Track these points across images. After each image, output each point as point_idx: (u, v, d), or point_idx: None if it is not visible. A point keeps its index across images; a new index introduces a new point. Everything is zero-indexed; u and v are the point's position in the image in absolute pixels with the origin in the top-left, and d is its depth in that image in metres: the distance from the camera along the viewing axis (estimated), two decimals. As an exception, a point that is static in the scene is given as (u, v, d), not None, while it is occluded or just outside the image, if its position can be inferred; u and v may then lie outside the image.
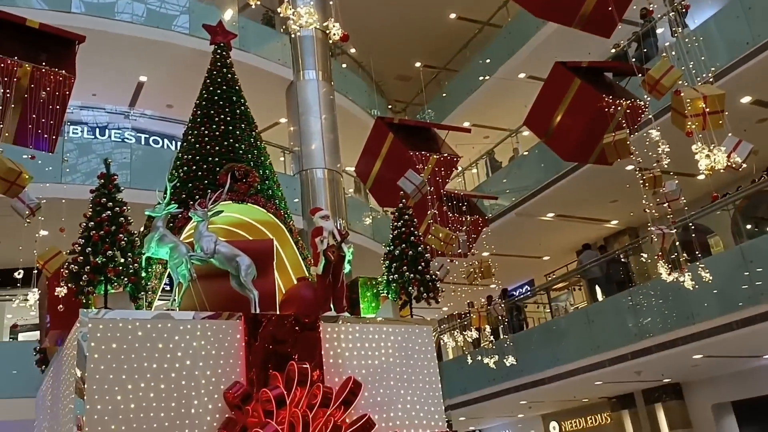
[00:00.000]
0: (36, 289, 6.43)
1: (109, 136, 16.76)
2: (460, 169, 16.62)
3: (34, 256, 6.40)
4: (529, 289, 18.67)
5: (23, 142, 6.43)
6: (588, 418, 15.90)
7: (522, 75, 16.20)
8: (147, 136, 17.37)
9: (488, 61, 17.74)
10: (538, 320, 16.37)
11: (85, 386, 5.31)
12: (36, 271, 6.27)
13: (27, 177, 5.88)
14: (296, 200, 13.89)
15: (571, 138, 8.68)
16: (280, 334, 6.28)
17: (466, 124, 16.75)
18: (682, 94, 6.04)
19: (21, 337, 15.89)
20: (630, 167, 11.28)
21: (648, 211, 7.90)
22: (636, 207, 14.69)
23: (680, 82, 6.39)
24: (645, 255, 12.07)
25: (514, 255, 16.00)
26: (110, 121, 17.50)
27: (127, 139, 16.63)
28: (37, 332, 15.51)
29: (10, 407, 10.36)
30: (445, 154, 9.26)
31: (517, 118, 17.11)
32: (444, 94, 20.31)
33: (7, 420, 10.63)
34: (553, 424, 16.82)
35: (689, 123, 5.94)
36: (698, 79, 6.94)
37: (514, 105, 16.85)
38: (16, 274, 6.10)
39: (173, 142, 17.49)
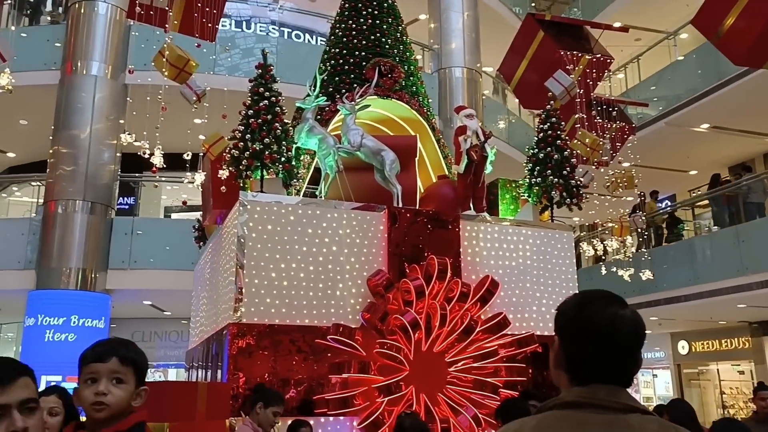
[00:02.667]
0: (202, 171, 6.92)
1: (254, 30, 17.18)
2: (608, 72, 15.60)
3: (189, 141, 6.85)
4: (669, 204, 17.69)
5: (188, 30, 6.74)
6: (723, 341, 15.25)
7: (687, -31, 14.62)
8: (289, 30, 17.62)
9: (649, -47, 16.11)
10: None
11: (244, 261, 5.77)
12: (201, 155, 6.72)
13: (194, 64, 6.20)
14: (431, 100, 13.74)
15: (746, 39, 7.83)
16: (420, 229, 6.44)
17: (616, 24, 15.57)
18: None
19: (173, 216, 17.38)
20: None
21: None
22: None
23: None
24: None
25: (658, 167, 15.10)
26: (253, 14, 17.87)
27: (271, 33, 16.98)
28: (188, 213, 16.92)
29: (165, 278, 11.42)
30: (599, 55, 8.71)
31: (676, 19, 15.68)
32: (593, -9, 18.84)
33: (162, 288, 11.77)
34: (683, 343, 16.31)
35: None
36: None
37: (674, 4, 15.37)
38: (185, 155, 6.58)
39: (314, 37, 17.68)
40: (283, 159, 6.16)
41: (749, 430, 3.21)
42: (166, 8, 6.28)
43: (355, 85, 7.47)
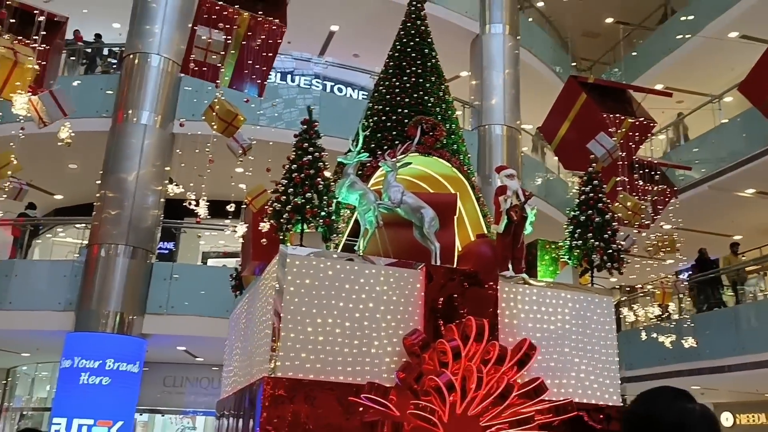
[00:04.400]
0: (244, 223, 7.03)
1: (298, 83, 17.64)
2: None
3: (232, 193, 6.99)
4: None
5: (238, 85, 6.96)
6: (769, 415, 14.65)
7: (734, 34, 14.64)
8: (331, 83, 18.06)
9: (692, 17, 16.21)
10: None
11: (281, 314, 5.77)
12: (244, 206, 6.84)
13: (242, 119, 6.37)
14: (470, 156, 13.82)
15: (793, 107, 7.76)
16: (457, 288, 6.39)
17: (658, 87, 15.57)
18: None
19: (210, 262, 17.60)
20: None
21: None
22: None
23: None
24: None
25: (700, 231, 14.82)
26: (296, 67, 18.39)
27: (314, 85, 17.41)
28: (224, 259, 17.11)
29: (200, 324, 11.49)
30: (641, 118, 8.69)
31: (721, 83, 15.62)
32: (635, 53, 18.95)
33: (196, 335, 11.83)
34: (727, 414, 15.66)
35: None
36: None
37: (719, 68, 15.34)
38: (228, 207, 6.70)
39: (355, 90, 18.07)
40: (323, 213, 6.22)
41: None
42: (219, 65, 6.50)
43: (397, 142, 7.56)
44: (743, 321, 11.89)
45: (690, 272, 16.71)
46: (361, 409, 5.69)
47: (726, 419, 15.66)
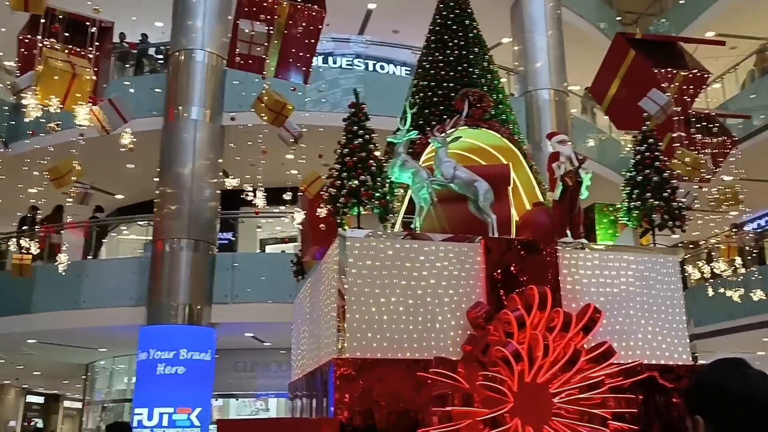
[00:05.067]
0: (301, 210, 7.18)
1: (339, 64, 17.64)
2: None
3: (287, 181, 7.14)
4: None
5: (283, 74, 7.06)
6: None
7: (786, -29, 13.96)
8: (373, 61, 17.99)
9: (742, -43, 15.48)
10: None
11: (345, 296, 5.91)
12: (300, 193, 6.98)
13: (290, 108, 6.47)
14: (518, 124, 13.63)
15: None
16: (517, 258, 6.40)
17: (709, 35, 15.00)
18: None
19: (268, 249, 17.97)
20: None
21: None
22: None
23: None
24: None
25: (763, 180, 14.31)
26: (335, 47, 18.38)
27: (356, 65, 17.40)
28: (282, 245, 17.41)
29: (264, 310, 11.80)
30: (695, 70, 8.43)
31: (777, 24, 14.94)
32: (682, 1, 18.24)
33: (262, 321, 12.14)
34: (802, 366, 15.26)
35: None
36: None
37: (771, 8, 14.67)
38: (284, 195, 6.86)
39: (397, 67, 17.97)
40: (378, 195, 6.29)
41: None
42: (264, 56, 6.61)
43: (445, 116, 7.55)
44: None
45: (761, 220, 16.20)
46: (429, 382, 5.80)
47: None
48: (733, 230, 11.13)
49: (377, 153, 6.53)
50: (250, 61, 6.82)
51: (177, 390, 10.36)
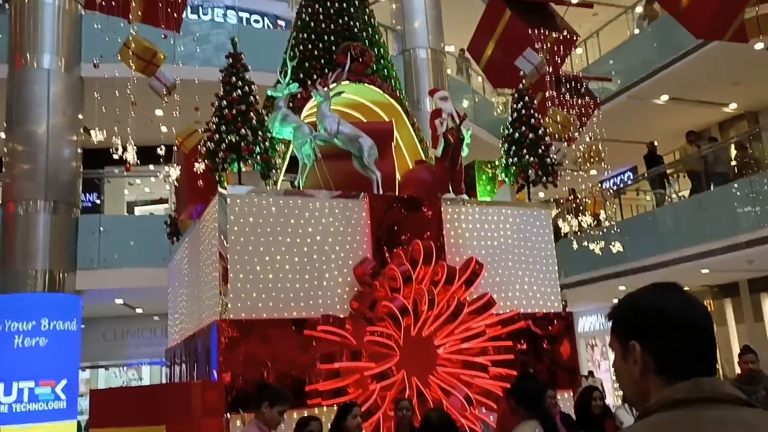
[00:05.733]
0: (176, 165, 6.74)
1: (211, 17, 16.75)
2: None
3: (160, 135, 6.67)
4: (631, 176, 18.06)
5: (152, 21, 6.52)
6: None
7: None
8: (247, 15, 17.27)
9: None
10: (637, 208, 15.97)
11: (227, 256, 5.66)
12: (175, 149, 6.55)
13: (162, 56, 6.01)
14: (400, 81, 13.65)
15: (706, 13, 7.98)
16: (401, 214, 6.42)
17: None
18: None
19: (137, 211, 17.01)
20: (760, 46, 10.39)
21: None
22: (763, 89, 13.71)
23: None
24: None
25: (619, 140, 15.36)
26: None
27: (228, 18, 16.61)
28: (150, 207, 16.53)
29: (135, 275, 11.14)
30: (564, 32, 8.76)
31: (634, -8, 15.88)
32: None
33: (132, 287, 11.50)
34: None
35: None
36: None
37: (631, -23, 15.57)
38: (158, 150, 6.39)
39: (273, 21, 17.39)
40: (259, 150, 6.03)
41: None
42: (130, -2, 6.06)
43: (327, 70, 7.36)
44: (661, 222, 12.61)
45: (615, 179, 17.42)
46: (316, 342, 5.73)
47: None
48: (599, 187, 11.90)
49: (257, 106, 6.24)
50: (113, 3, 6.23)
51: (39, 362, 9.55)
